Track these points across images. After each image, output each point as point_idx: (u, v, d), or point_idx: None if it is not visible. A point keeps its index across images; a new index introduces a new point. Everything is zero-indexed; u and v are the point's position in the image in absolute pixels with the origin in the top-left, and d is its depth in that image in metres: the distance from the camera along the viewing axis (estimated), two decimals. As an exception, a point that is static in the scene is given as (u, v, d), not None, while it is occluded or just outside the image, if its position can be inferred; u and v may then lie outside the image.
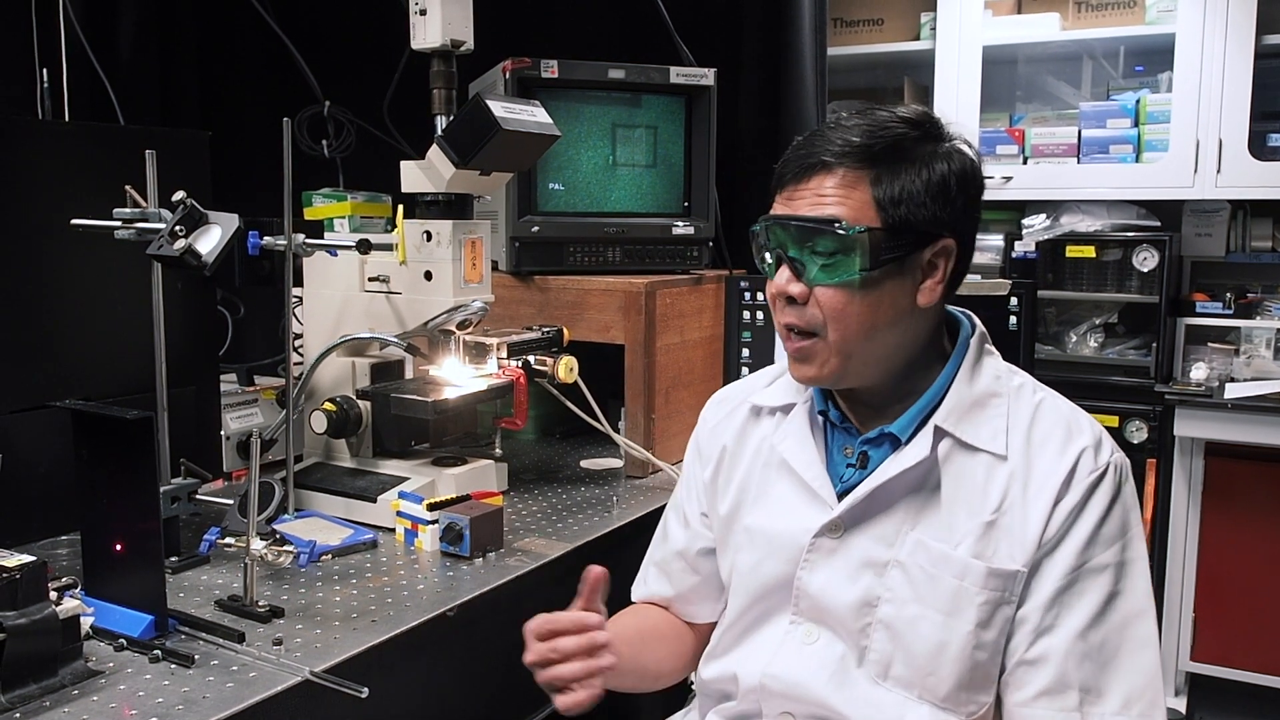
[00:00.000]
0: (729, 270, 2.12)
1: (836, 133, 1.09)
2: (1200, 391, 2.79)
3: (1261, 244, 3.08)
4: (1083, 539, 1.05)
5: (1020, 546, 1.06)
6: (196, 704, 1.04)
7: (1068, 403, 1.14)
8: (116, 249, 1.42)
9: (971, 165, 1.12)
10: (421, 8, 1.59)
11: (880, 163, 1.07)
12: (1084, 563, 1.05)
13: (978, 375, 1.14)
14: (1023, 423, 1.11)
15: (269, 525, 1.49)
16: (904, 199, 1.07)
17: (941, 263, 1.10)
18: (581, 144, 2.01)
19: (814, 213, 1.08)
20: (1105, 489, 1.07)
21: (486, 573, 1.41)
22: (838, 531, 1.13)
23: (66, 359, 1.56)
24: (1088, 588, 1.05)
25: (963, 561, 1.06)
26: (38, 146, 1.56)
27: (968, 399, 1.12)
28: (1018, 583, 1.06)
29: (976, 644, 1.06)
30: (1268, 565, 2.74)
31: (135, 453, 1.19)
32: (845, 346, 1.09)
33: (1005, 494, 1.08)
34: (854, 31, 3.35)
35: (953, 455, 1.10)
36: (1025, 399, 1.13)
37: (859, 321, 1.08)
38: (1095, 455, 1.08)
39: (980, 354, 1.16)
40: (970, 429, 1.10)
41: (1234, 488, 2.79)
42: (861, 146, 1.07)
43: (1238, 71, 2.79)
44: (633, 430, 1.90)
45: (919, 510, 1.10)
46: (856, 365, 1.11)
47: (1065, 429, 1.10)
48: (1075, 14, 3.12)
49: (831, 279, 1.07)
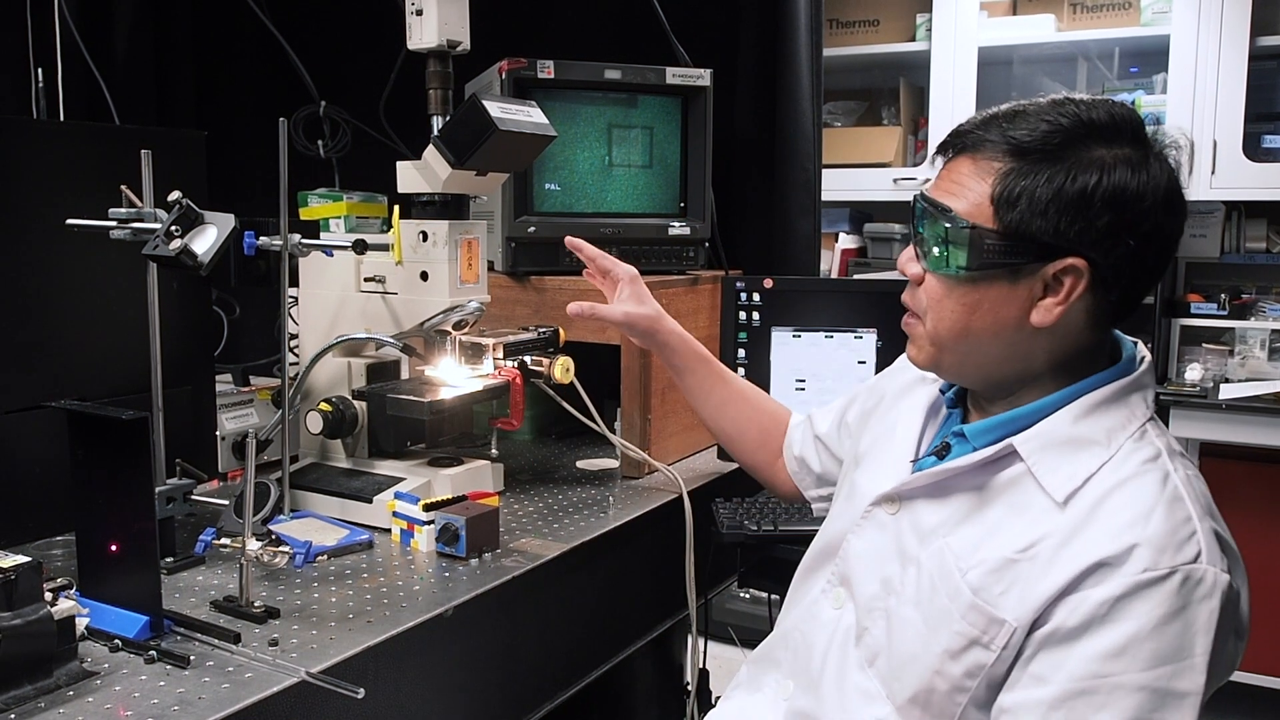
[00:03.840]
0: (725, 271, 2.12)
1: (1003, 118, 1.00)
2: (1195, 392, 2.80)
3: (1256, 245, 3.09)
4: (1115, 643, 0.90)
5: (1021, 601, 0.96)
6: (192, 705, 1.03)
7: (1180, 488, 0.96)
8: (112, 249, 1.42)
9: (1141, 185, 0.97)
10: (418, 8, 1.59)
11: (1021, 158, 0.98)
12: (1110, 674, 0.90)
13: (1094, 418, 1.01)
14: (1106, 484, 0.97)
15: (264, 526, 1.48)
16: (1022, 203, 0.96)
17: (1068, 282, 0.98)
18: (578, 144, 2.01)
19: (939, 197, 1.03)
20: (1162, 594, 0.90)
21: (483, 573, 1.41)
22: (894, 506, 1.12)
23: (61, 359, 1.55)
24: (1109, 703, 0.90)
25: (957, 586, 1.01)
26: (33, 146, 1.55)
27: (1065, 435, 1.01)
28: (1001, 632, 0.97)
29: (939, 669, 1.01)
30: (1263, 565, 2.74)
31: (130, 453, 1.19)
32: (938, 339, 1.06)
33: (1039, 540, 0.97)
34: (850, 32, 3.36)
35: (1019, 483, 1.02)
36: (1130, 463, 0.98)
37: (952, 319, 1.03)
38: (1160, 554, 0.91)
39: (1119, 400, 1.02)
40: (1047, 465, 1.00)
41: (1229, 488, 2.79)
42: (1008, 137, 0.98)
43: (1232, 73, 2.80)
44: (629, 431, 1.90)
45: (962, 519, 1.05)
46: (951, 360, 1.06)
47: (1143, 512, 0.94)
48: (1070, 15, 3.12)
49: (935, 268, 1.03)
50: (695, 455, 2.06)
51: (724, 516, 1.72)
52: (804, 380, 1.86)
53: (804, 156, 2.19)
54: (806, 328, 1.85)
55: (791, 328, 1.86)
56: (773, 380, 1.87)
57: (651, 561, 1.73)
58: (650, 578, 1.74)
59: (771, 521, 1.68)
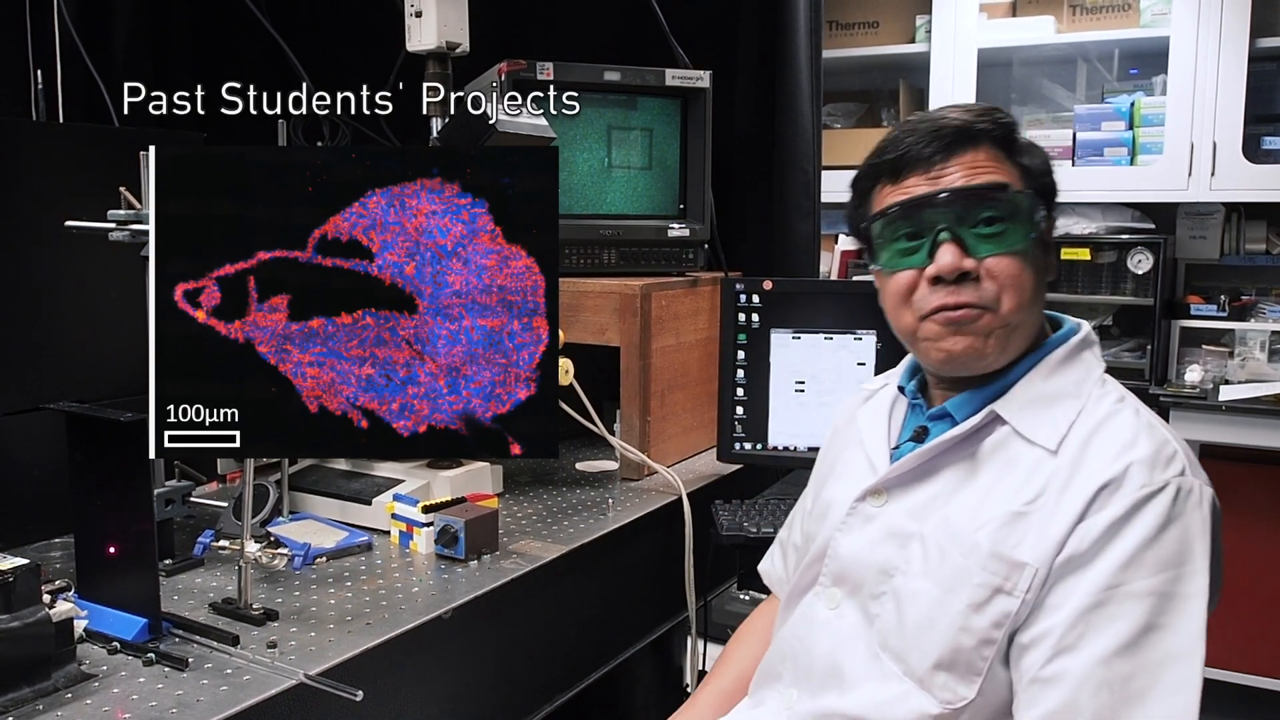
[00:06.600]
0: (724, 272, 2.12)
1: (950, 116, 1.10)
2: (1195, 394, 2.80)
3: (1255, 246, 3.09)
4: (1122, 558, 0.97)
5: (1039, 543, 1.01)
6: (190, 707, 1.03)
7: (1151, 418, 1.08)
8: (111, 251, 1.42)
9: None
10: (417, 10, 1.59)
11: (1013, 136, 1.11)
12: (1120, 584, 0.97)
13: (1062, 374, 1.11)
14: (1088, 426, 1.06)
15: (264, 528, 1.48)
16: (1041, 169, 1.11)
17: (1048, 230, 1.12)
18: (577, 146, 2.01)
19: (976, 183, 1.07)
20: (1158, 507, 0.98)
21: (481, 575, 1.41)
22: (880, 499, 1.14)
23: (60, 361, 1.55)
24: (1121, 612, 0.96)
25: (971, 540, 1.04)
26: (32, 148, 1.55)
27: (1039, 393, 1.09)
28: (1024, 576, 1.01)
29: (964, 625, 1.03)
30: (1263, 567, 2.74)
31: (129, 455, 1.19)
32: (1015, 317, 1.08)
33: (1043, 489, 1.03)
34: (849, 34, 3.36)
35: (1006, 443, 1.08)
36: (1103, 406, 1.08)
37: (1030, 291, 1.08)
38: (1152, 470, 1.00)
39: (1076, 357, 1.12)
40: (1030, 422, 1.07)
41: (1229, 490, 2.77)
42: (994, 121, 1.09)
43: (1232, 74, 2.80)
44: (628, 433, 1.90)
45: (956, 489, 1.09)
46: (1017, 338, 1.10)
47: (1128, 439, 1.03)
48: (1070, 17, 3.12)
49: (1001, 248, 1.06)
50: (695, 457, 2.06)
51: (723, 518, 1.72)
52: (803, 382, 1.86)
53: (804, 158, 2.19)
54: (806, 329, 1.85)
55: (791, 329, 1.86)
56: (772, 382, 1.87)
57: (651, 563, 1.73)
58: (649, 580, 1.74)
59: (771, 523, 1.67)
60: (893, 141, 1.11)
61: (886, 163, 1.11)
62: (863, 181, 1.15)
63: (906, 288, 1.10)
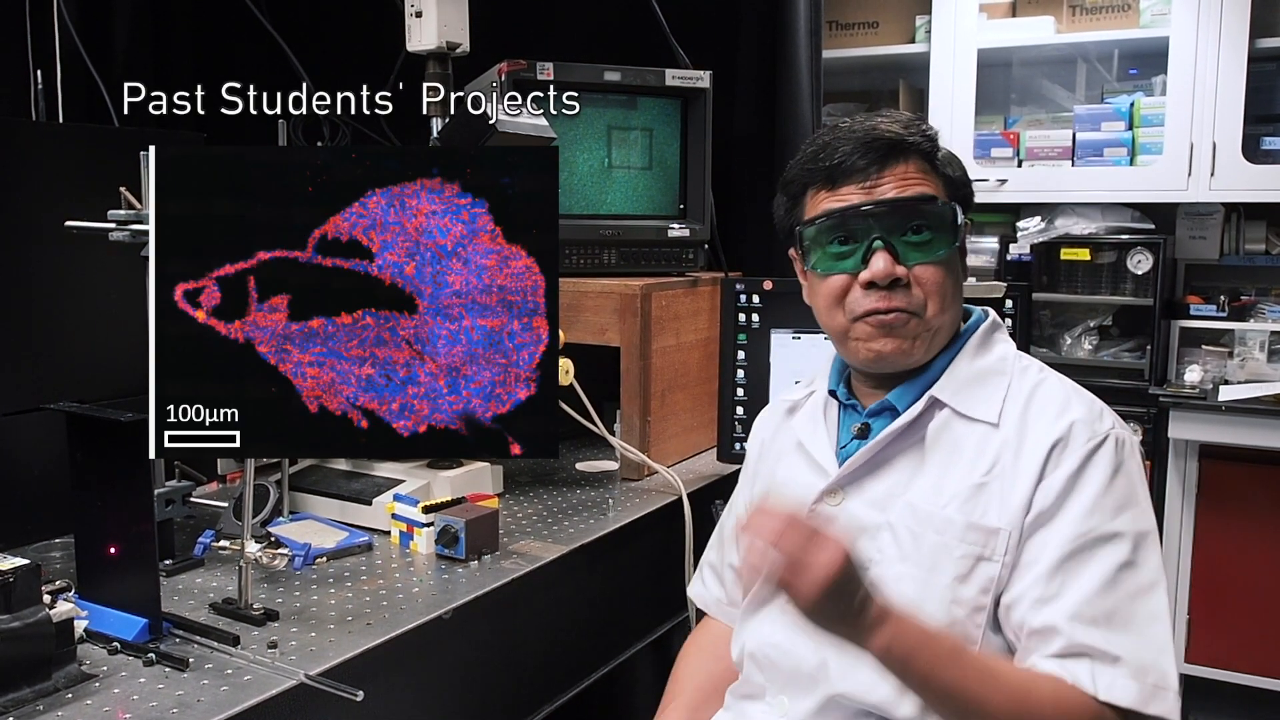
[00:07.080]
0: (724, 272, 2.12)
1: (883, 128, 1.14)
2: (1194, 394, 2.80)
3: (1255, 247, 3.09)
4: (1084, 506, 1.05)
5: (1006, 508, 1.07)
6: (191, 707, 1.03)
7: (1072, 383, 1.16)
8: (111, 251, 1.42)
9: None
10: (417, 10, 1.59)
11: (937, 148, 1.16)
12: (1088, 530, 1.04)
13: (983, 355, 1.18)
14: (1021, 397, 1.13)
15: (264, 528, 1.48)
16: (961, 180, 1.17)
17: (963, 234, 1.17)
18: (577, 146, 2.01)
19: (908, 194, 1.13)
20: (1105, 457, 1.07)
21: (482, 575, 1.41)
22: (836, 498, 1.17)
23: (61, 361, 1.55)
24: (1094, 555, 1.04)
25: (943, 517, 1.09)
26: (32, 148, 1.55)
27: (968, 375, 1.16)
28: (999, 540, 1.06)
29: (954, 598, 1.07)
30: (1262, 567, 2.74)
31: (130, 455, 1.19)
32: (939, 320, 1.14)
33: (996, 459, 1.10)
34: (849, 34, 3.36)
35: (949, 425, 1.14)
36: (1029, 377, 1.15)
37: (951, 295, 1.15)
38: (1091, 425, 1.08)
39: (990, 339, 1.19)
40: (967, 401, 1.14)
41: (1228, 490, 2.80)
42: (922, 134, 1.15)
43: (1232, 75, 2.80)
44: (628, 433, 1.90)
45: (912, 476, 1.14)
46: (938, 339, 1.16)
47: (1062, 401, 1.11)
48: (1070, 17, 3.12)
49: (928, 257, 1.13)
50: (695, 457, 2.06)
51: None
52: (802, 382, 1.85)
53: (803, 158, 2.19)
54: (806, 329, 1.85)
55: (791, 329, 1.86)
56: (772, 382, 1.86)
57: (651, 563, 1.73)
58: (650, 580, 1.74)
59: (771, 523, 1.67)
60: (826, 149, 1.15)
61: (821, 169, 1.15)
62: (794, 185, 1.20)
63: (840, 290, 1.16)
